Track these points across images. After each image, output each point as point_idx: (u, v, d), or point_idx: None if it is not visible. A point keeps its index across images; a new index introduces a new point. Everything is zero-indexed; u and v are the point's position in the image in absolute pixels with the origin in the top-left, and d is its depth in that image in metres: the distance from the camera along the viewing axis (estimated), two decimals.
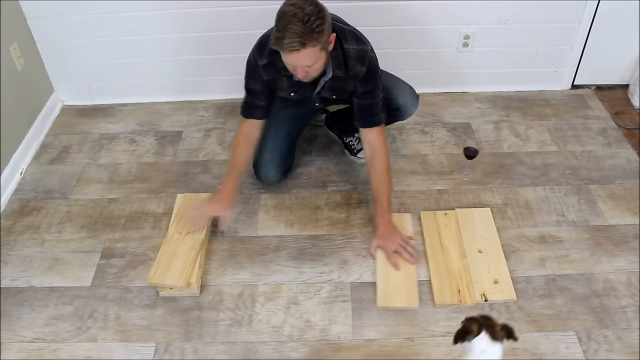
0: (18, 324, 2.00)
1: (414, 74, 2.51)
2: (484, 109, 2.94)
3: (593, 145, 2.69)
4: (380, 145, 2.18)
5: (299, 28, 1.75)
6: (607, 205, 2.37)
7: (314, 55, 1.84)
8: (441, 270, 2.11)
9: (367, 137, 2.19)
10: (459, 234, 2.24)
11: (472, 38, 2.84)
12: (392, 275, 2.09)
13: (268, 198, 2.46)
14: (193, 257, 2.10)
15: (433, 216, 2.32)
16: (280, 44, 1.80)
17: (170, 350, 1.90)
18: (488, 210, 2.33)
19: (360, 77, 2.06)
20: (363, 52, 2.03)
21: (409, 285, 2.06)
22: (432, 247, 2.20)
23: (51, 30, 2.80)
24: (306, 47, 1.79)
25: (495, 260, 2.13)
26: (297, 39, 1.76)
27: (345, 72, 2.04)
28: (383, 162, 2.18)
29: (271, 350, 1.90)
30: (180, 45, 2.87)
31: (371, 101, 2.13)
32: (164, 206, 2.44)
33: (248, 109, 2.23)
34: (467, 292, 2.03)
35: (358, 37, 2.05)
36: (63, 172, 2.65)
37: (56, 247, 2.28)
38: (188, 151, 2.74)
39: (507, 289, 2.03)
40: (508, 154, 2.65)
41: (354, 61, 2.02)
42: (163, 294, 2.06)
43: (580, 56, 2.93)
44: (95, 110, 3.05)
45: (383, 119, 2.18)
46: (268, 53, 2.02)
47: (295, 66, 1.89)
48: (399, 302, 2.01)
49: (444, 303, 2.00)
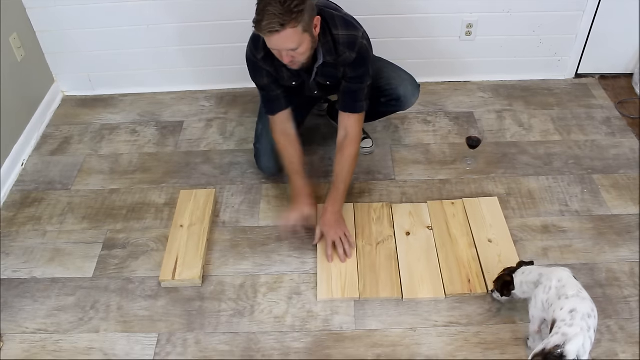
0: (20, 315, 2.00)
1: (417, 63, 2.49)
2: (487, 98, 2.93)
3: (597, 134, 2.67)
4: (355, 133, 2.16)
5: (277, 9, 1.73)
6: (610, 195, 2.36)
7: (295, 37, 1.81)
8: (450, 260, 2.10)
9: (345, 121, 2.17)
10: (467, 223, 2.23)
11: (475, 27, 2.82)
12: (332, 267, 2.10)
13: (270, 188, 2.45)
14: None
15: (440, 206, 2.31)
16: (259, 27, 1.78)
17: (173, 341, 1.90)
18: (496, 200, 2.32)
19: (349, 63, 2.03)
20: (353, 37, 2.00)
21: (341, 276, 2.07)
22: (440, 237, 2.19)
23: (51, 20, 2.79)
24: (285, 27, 1.76)
25: (506, 249, 2.13)
26: (276, 20, 1.74)
27: (336, 58, 2.02)
28: (352, 150, 2.16)
29: (273, 341, 1.90)
30: (181, 35, 2.85)
31: (357, 87, 2.10)
32: (166, 197, 2.43)
33: (271, 104, 2.18)
34: (477, 281, 2.02)
35: (349, 22, 2.01)
36: (64, 163, 2.64)
37: (58, 238, 2.28)
38: (189, 141, 2.73)
39: None
40: (511, 144, 2.64)
41: (343, 47, 1.99)
42: (165, 284, 2.06)
43: (584, 45, 2.91)
44: (96, 100, 3.04)
45: (364, 108, 2.15)
46: (262, 45, 1.98)
47: (279, 51, 1.87)
48: (337, 293, 2.02)
49: (454, 293, 2.00)
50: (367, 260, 2.12)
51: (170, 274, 2.06)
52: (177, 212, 2.30)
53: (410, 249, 2.15)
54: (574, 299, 1.58)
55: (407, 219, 2.27)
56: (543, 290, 1.66)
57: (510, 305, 1.96)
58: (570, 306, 1.56)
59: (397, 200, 2.36)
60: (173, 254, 2.13)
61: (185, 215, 2.28)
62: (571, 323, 1.52)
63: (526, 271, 1.79)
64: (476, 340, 1.87)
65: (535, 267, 1.80)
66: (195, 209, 2.30)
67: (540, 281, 1.70)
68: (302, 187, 2.16)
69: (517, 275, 1.81)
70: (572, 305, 1.56)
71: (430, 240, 2.19)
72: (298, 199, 2.15)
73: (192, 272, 2.07)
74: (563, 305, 1.57)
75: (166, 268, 2.09)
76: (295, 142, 2.22)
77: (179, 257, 2.12)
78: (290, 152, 2.20)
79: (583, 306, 1.56)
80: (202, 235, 2.19)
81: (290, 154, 2.20)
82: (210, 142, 2.72)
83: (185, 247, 2.15)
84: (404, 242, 2.18)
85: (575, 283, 1.64)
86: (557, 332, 1.52)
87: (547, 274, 1.70)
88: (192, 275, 2.06)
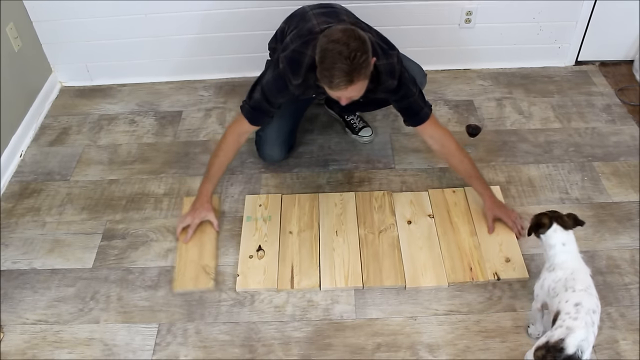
0: (20, 306, 2.00)
1: (416, 50, 2.47)
2: (487, 86, 2.91)
3: (597, 122, 2.66)
4: (440, 134, 2.15)
5: (346, 66, 1.71)
6: (610, 182, 2.35)
7: (360, 87, 1.82)
8: (452, 249, 2.10)
9: (424, 133, 2.16)
10: (469, 211, 2.23)
11: (474, 14, 2.80)
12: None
13: (269, 177, 2.44)
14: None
15: (441, 194, 2.31)
16: (327, 82, 1.77)
17: (173, 331, 1.91)
18: (497, 189, 2.31)
19: (391, 89, 2.02)
20: (392, 66, 1.97)
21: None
22: (442, 226, 2.19)
23: (48, 10, 2.76)
24: (354, 83, 1.76)
25: (507, 238, 2.12)
26: (346, 78, 1.73)
27: (377, 85, 1.99)
28: (454, 145, 2.15)
29: (274, 330, 1.90)
30: (179, 24, 2.83)
31: (409, 102, 2.08)
32: (165, 187, 2.43)
33: (260, 116, 2.13)
34: (478, 269, 2.02)
35: (385, 49, 1.98)
36: (63, 153, 2.63)
37: (57, 229, 2.27)
38: (188, 131, 2.72)
39: (519, 267, 2.02)
40: (511, 132, 2.63)
41: (385, 77, 1.97)
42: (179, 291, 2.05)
43: (585, 32, 2.90)
44: (94, 91, 3.02)
45: (429, 111, 2.13)
46: (304, 72, 1.94)
47: (340, 97, 1.86)
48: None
49: (456, 281, 2.00)
50: (370, 249, 2.12)
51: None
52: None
53: (412, 238, 2.15)
54: (581, 293, 1.58)
55: (408, 208, 2.27)
56: (553, 276, 1.66)
57: (511, 293, 1.96)
58: (576, 300, 1.56)
59: (397, 189, 2.36)
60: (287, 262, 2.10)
61: (291, 221, 2.24)
62: (576, 317, 1.52)
63: (557, 237, 1.70)
64: (477, 329, 1.87)
65: (565, 244, 1.70)
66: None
67: (554, 264, 1.68)
68: (208, 194, 2.18)
69: (553, 229, 1.71)
70: (578, 299, 1.56)
71: (432, 228, 2.18)
72: (201, 204, 2.18)
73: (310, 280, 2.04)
74: (569, 298, 1.57)
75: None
76: (235, 153, 2.20)
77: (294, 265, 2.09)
78: (227, 158, 2.18)
79: (589, 301, 1.56)
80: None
81: (223, 159, 2.18)
82: (209, 131, 2.71)
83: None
84: (405, 231, 2.18)
85: (587, 280, 1.63)
86: (562, 325, 1.52)
87: (566, 260, 1.68)
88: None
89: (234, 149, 2.18)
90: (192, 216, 2.18)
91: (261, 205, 2.30)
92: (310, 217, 2.25)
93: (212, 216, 2.19)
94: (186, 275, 2.05)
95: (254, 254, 2.11)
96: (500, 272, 2.01)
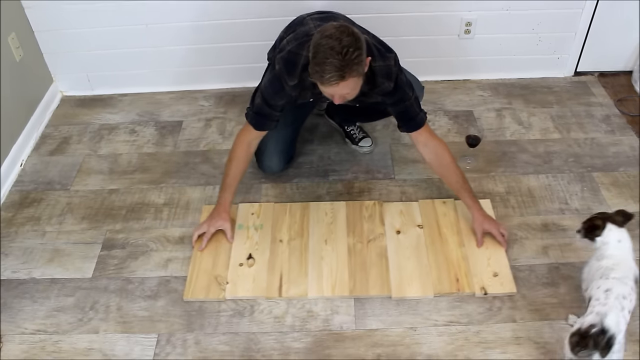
0: (20, 316, 2.00)
1: (416, 61, 2.49)
2: (486, 97, 2.92)
3: (596, 132, 2.67)
4: (434, 142, 2.14)
5: (338, 62, 1.70)
6: (610, 192, 2.36)
7: (353, 84, 1.81)
8: (439, 259, 2.10)
9: (418, 139, 2.15)
10: (458, 222, 2.23)
11: (474, 25, 2.82)
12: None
13: (269, 188, 2.45)
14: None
15: (431, 204, 2.31)
16: (318, 77, 1.76)
17: (172, 342, 1.90)
18: (488, 202, 2.31)
19: (387, 92, 2.02)
20: (389, 68, 1.97)
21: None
22: (430, 236, 2.19)
23: (49, 20, 2.78)
24: (346, 79, 1.75)
25: (495, 252, 2.12)
26: (337, 73, 1.72)
27: (372, 87, 2.00)
28: (448, 156, 2.14)
29: (273, 341, 1.89)
30: (179, 34, 2.85)
31: (405, 106, 2.08)
32: (165, 197, 2.43)
33: (264, 121, 2.12)
34: (465, 280, 2.02)
35: (381, 51, 1.98)
36: (63, 163, 2.64)
37: (57, 238, 2.27)
38: (188, 141, 2.73)
39: (507, 282, 2.02)
40: (511, 142, 2.63)
41: (381, 78, 1.97)
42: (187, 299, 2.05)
43: (583, 43, 2.91)
44: (95, 100, 3.03)
45: (424, 117, 2.13)
46: (299, 72, 1.95)
47: (333, 94, 1.86)
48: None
49: (442, 292, 2.00)
50: (358, 258, 2.12)
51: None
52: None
53: (400, 247, 2.15)
54: (614, 280, 1.61)
55: (397, 218, 2.27)
56: (597, 265, 1.70)
57: (511, 304, 1.96)
58: (607, 286, 1.59)
59: (397, 199, 2.36)
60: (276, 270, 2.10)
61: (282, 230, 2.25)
62: (605, 302, 1.56)
63: (613, 235, 1.74)
64: (476, 340, 1.87)
65: (621, 240, 1.74)
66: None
67: (604, 254, 1.72)
68: (226, 203, 2.18)
69: (608, 229, 1.76)
70: (609, 286, 1.59)
71: (420, 238, 2.18)
72: (218, 213, 2.18)
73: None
74: (601, 284, 1.61)
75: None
76: (248, 160, 2.20)
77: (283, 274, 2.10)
78: (239, 166, 2.17)
79: (620, 288, 1.59)
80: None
81: (237, 168, 2.17)
82: (209, 141, 2.72)
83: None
84: (394, 240, 2.18)
85: (626, 272, 1.66)
86: (592, 310, 1.56)
87: (616, 255, 1.71)
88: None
89: (245, 158, 2.18)
90: (208, 224, 2.17)
91: (253, 213, 2.31)
92: (301, 225, 2.25)
93: (227, 226, 2.18)
94: (198, 285, 2.05)
95: (244, 262, 2.12)
96: (488, 287, 2.00)
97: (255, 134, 2.15)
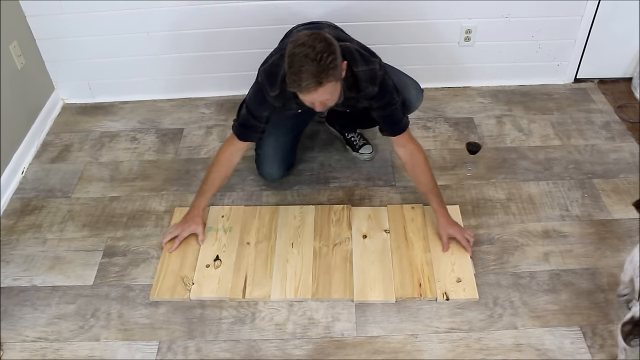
0: (20, 324, 2.00)
1: (416, 68, 2.49)
2: (487, 104, 2.93)
3: (596, 139, 2.67)
4: (413, 145, 2.16)
5: (313, 68, 1.71)
6: (611, 199, 2.36)
7: (331, 89, 1.81)
8: (404, 264, 2.11)
9: (399, 143, 2.17)
10: (425, 228, 2.24)
11: (474, 32, 2.83)
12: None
13: (270, 194, 2.45)
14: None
15: (400, 209, 2.32)
16: (296, 86, 1.76)
17: (173, 349, 1.90)
18: (457, 208, 2.32)
19: (372, 96, 2.03)
20: (373, 72, 1.98)
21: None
22: (396, 241, 2.20)
23: (51, 28, 2.79)
24: (323, 84, 1.76)
25: (460, 258, 2.13)
26: (314, 79, 1.73)
27: (357, 93, 2.01)
28: (421, 158, 2.15)
29: (274, 348, 1.89)
30: (180, 42, 2.86)
31: (390, 110, 2.09)
32: (166, 204, 2.43)
33: (248, 132, 2.15)
34: (427, 285, 2.03)
35: (365, 56, 2.00)
36: (64, 170, 2.64)
37: (58, 246, 2.27)
38: (189, 149, 2.73)
39: (470, 288, 2.02)
40: (511, 149, 2.64)
41: (365, 83, 1.98)
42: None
43: (583, 50, 2.92)
44: (96, 108, 3.04)
45: (407, 122, 2.15)
46: (279, 83, 1.96)
47: (313, 102, 1.86)
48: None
49: (404, 296, 2.01)
50: (323, 261, 2.14)
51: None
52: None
53: (366, 252, 2.16)
54: None
55: (365, 222, 2.28)
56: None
57: (512, 310, 1.96)
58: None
59: (396, 205, 2.36)
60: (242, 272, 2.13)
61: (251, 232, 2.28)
62: None
63: None
64: (478, 347, 1.87)
65: None
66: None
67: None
68: (200, 208, 2.21)
69: None
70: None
71: (386, 243, 2.19)
72: (192, 217, 2.21)
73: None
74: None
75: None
76: (229, 170, 2.21)
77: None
78: (219, 175, 2.19)
79: None
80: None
81: (217, 176, 2.19)
82: (210, 149, 2.72)
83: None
84: (360, 245, 2.19)
85: None
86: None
87: None
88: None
89: (227, 167, 2.20)
90: (181, 228, 2.20)
91: (223, 216, 2.33)
92: (269, 228, 2.27)
93: (200, 230, 2.21)
94: (164, 285, 2.08)
95: (211, 264, 2.14)
96: (450, 292, 2.01)
97: (240, 144, 2.17)
